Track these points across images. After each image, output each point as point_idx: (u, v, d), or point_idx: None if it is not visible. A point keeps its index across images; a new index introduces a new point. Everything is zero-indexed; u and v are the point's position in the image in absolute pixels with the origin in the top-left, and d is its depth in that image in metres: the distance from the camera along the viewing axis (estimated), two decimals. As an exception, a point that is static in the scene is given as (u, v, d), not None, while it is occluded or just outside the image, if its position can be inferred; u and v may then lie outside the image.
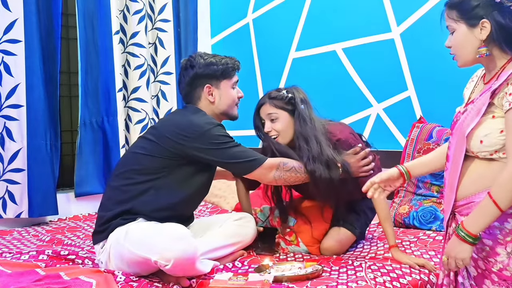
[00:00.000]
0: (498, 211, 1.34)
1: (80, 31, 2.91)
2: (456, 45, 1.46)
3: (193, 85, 2.04)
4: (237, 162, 1.92)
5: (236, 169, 2.00)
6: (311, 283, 1.70)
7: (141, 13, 3.11)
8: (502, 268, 1.41)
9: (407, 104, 2.76)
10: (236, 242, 2.05)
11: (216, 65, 2.02)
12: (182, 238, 1.66)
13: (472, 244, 1.38)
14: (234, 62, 2.08)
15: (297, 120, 2.07)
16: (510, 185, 1.32)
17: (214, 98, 2.04)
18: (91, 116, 2.97)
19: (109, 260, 1.78)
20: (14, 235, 2.48)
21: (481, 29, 1.40)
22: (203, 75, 2.02)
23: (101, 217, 1.88)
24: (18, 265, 1.78)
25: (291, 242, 2.20)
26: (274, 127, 2.09)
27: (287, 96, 2.10)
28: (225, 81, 2.05)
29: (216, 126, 1.92)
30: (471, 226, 1.37)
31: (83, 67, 2.93)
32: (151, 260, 1.63)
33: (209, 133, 1.88)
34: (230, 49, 3.64)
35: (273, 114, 2.09)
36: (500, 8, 1.38)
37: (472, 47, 1.43)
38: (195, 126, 1.90)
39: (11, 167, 2.67)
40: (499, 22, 1.38)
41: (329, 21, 3.06)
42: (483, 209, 1.36)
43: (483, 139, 1.40)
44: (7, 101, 2.64)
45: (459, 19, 1.43)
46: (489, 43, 1.41)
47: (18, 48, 2.65)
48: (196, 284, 1.73)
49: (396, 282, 1.74)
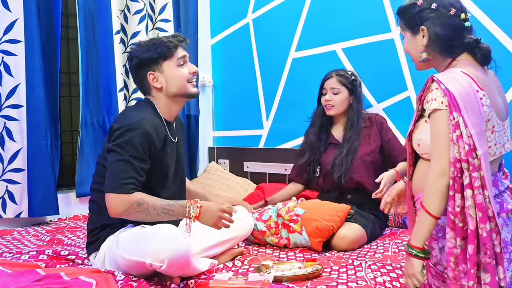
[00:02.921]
0: (432, 219, 1.38)
1: (81, 31, 2.91)
2: (407, 50, 1.57)
3: (138, 76, 1.91)
4: (109, 175, 1.73)
5: (106, 181, 1.75)
6: (311, 283, 1.71)
7: (142, 13, 3.11)
8: (436, 262, 1.49)
9: (407, 104, 2.76)
10: (233, 238, 2.05)
11: (151, 49, 1.86)
12: (173, 237, 1.64)
13: (424, 259, 1.41)
14: (171, 39, 1.90)
15: (355, 99, 2.49)
16: (434, 191, 1.38)
17: (161, 84, 1.88)
18: (92, 116, 2.97)
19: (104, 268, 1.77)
20: (14, 235, 2.48)
21: (422, 36, 1.49)
22: (142, 63, 1.87)
23: (91, 230, 1.88)
24: (18, 265, 1.78)
25: (294, 230, 2.21)
26: (333, 98, 2.47)
27: (351, 78, 2.49)
28: (167, 62, 1.87)
29: (136, 131, 1.73)
30: (416, 241, 1.41)
31: (84, 67, 2.93)
32: (145, 263, 1.63)
33: (129, 134, 1.73)
34: (230, 49, 3.64)
35: (336, 89, 2.47)
36: (436, 15, 1.46)
37: (416, 52, 1.52)
38: (121, 121, 1.79)
39: (11, 167, 2.67)
40: (434, 29, 1.46)
41: (329, 21, 3.06)
42: (421, 221, 1.41)
43: (419, 142, 1.49)
44: (7, 101, 2.64)
45: (405, 27, 1.54)
46: (429, 48, 1.49)
47: (18, 48, 2.65)
48: (196, 284, 1.73)
49: (396, 282, 1.74)
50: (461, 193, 1.35)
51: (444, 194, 1.37)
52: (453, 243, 1.37)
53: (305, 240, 2.19)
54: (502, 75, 1.57)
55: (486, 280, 1.35)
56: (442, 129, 1.38)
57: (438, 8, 1.46)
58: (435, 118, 1.40)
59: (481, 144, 1.34)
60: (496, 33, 2.32)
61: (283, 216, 2.26)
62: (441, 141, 1.38)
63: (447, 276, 1.43)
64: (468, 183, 1.34)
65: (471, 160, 1.33)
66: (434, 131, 1.40)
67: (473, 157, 1.33)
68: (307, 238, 2.18)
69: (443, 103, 1.37)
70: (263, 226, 2.30)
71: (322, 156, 2.53)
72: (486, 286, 1.34)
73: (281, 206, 2.34)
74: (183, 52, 1.92)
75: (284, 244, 2.26)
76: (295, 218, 2.23)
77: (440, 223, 1.45)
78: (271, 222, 2.29)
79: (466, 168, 1.34)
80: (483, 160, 1.33)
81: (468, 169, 1.34)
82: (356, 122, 2.46)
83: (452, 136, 1.36)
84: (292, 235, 2.22)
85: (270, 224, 2.28)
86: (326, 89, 2.49)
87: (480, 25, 2.36)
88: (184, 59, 1.92)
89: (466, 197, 1.34)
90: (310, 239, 2.17)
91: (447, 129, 1.37)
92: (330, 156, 2.49)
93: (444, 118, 1.37)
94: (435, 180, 1.38)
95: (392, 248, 2.12)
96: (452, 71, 1.43)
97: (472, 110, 1.35)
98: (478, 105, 1.37)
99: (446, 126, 1.37)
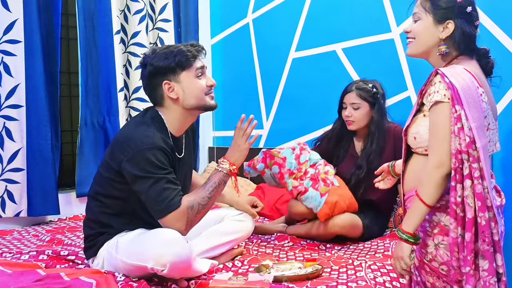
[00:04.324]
0: (425, 207, 1.44)
1: (81, 31, 2.91)
2: (417, 32, 1.56)
3: (151, 84, 1.81)
4: (152, 203, 1.69)
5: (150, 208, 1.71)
6: (311, 283, 1.71)
7: (142, 13, 3.11)
8: (431, 259, 1.51)
9: (407, 104, 2.76)
10: (233, 239, 2.04)
11: (169, 57, 1.77)
12: (174, 241, 1.62)
13: (413, 244, 1.47)
14: (190, 48, 1.80)
15: (376, 112, 2.39)
16: (430, 181, 1.43)
17: (177, 95, 1.79)
18: (92, 116, 2.97)
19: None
20: (14, 235, 2.48)
21: (444, 28, 1.51)
22: (158, 71, 1.77)
23: (87, 235, 1.86)
24: (18, 265, 1.77)
25: (318, 189, 2.26)
26: (354, 114, 2.40)
27: (372, 91, 2.39)
28: (185, 72, 1.78)
29: (154, 149, 1.68)
30: (407, 226, 1.47)
31: (84, 67, 2.93)
32: (147, 267, 1.61)
33: (145, 155, 1.67)
34: (230, 49, 3.64)
35: (356, 104, 2.39)
36: (467, 17, 1.52)
37: (430, 39, 1.54)
38: (133, 142, 1.70)
39: (11, 166, 2.67)
40: (464, 28, 1.51)
41: (329, 21, 3.06)
42: (413, 208, 1.47)
43: (416, 136, 1.53)
44: (6, 101, 2.64)
45: (430, 11, 1.53)
46: (447, 43, 1.52)
47: (18, 48, 2.65)
48: (196, 285, 1.73)
49: (396, 282, 1.74)
50: (462, 184, 1.40)
51: (439, 185, 1.42)
52: (456, 233, 1.40)
53: (318, 203, 2.24)
54: (502, 75, 1.58)
55: (484, 266, 1.40)
56: (444, 121, 1.42)
57: (471, 12, 1.52)
58: (436, 110, 1.44)
59: (480, 137, 1.39)
60: (496, 33, 2.32)
61: (319, 171, 2.28)
62: (441, 133, 1.42)
63: (443, 271, 1.48)
64: (467, 173, 1.38)
65: (471, 152, 1.38)
66: (434, 123, 1.45)
67: (473, 148, 1.38)
68: (322, 203, 2.24)
69: (446, 96, 1.42)
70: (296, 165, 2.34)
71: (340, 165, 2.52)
72: (484, 272, 1.39)
73: (322, 162, 2.38)
74: (201, 63, 1.83)
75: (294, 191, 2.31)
76: (328, 183, 2.27)
77: (435, 220, 1.48)
78: (305, 166, 2.32)
79: (466, 159, 1.38)
80: (481, 152, 1.38)
81: (468, 160, 1.38)
82: (377, 137, 2.39)
83: (454, 129, 1.40)
84: (312, 190, 2.26)
85: (302, 168, 2.33)
86: (346, 104, 2.43)
87: (480, 25, 2.35)
88: (202, 70, 1.83)
89: (465, 187, 1.38)
90: (324, 207, 2.23)
91: (449, 121, 1.41)
92: (347, 167, 2.48)
93: (446, 111, 1.41)
94: (432, 170, 1.43)
95: (392, 248, 2.12)
96: (455, 67, 1.47)
97: (473, 104, 1.40)
98: (479, 100, 1.42)
99: (448, 118, 1.41)
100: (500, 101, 2.40)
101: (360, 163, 2.41)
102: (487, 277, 1.39)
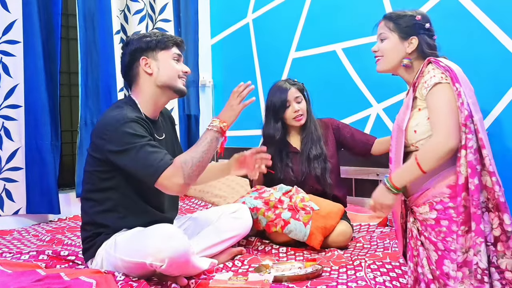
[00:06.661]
0: (420, 171, 1.56)
1: (81, 31, 2.91)
2: (385, 51, 1.77)
3: (130, 62, 1.91)
4: (141, 170, 1.69)
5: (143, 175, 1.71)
6: (311, 283, 1.70)
7: (142, 13, 3.11)
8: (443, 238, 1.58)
9: (407, 104, 2.76)
10: (232, 236, 2.04)
11: (150, 36, 1.90)
12: (172, 236, 1.63)
13: (396, 194, 1.62)
14: (171, 36, 1.95)
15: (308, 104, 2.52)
16: (431, 153, 1.55)
17: (152, 70, 1.88)
18: (92, 116, 2.98)
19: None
20: (14, 235, 2.48)
21: (409, 43, 1.73)
22: (138, 49, 1.89)
23: (84, 238, 1.87)
24: (18, 265, 1.78)
25: (300, 219, 2.20)
26: (301, 107, 2.46)
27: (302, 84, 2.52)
28: (163, 52, 1.90)
29: (128, 122, 1.72)
30: (396, 181, 1.61)
31: (84, 67, 2.93)
32: (146, 263, 1.62)
33: (121, 130, 1.71)
34: (230, 49, 3.64)
35: (300, 97, 2.47)
36: (427, 32, 1.74)
37: (399, 54, 1.75)
38: (108, 123, 1.75)
39: (9, 165, 2.67)
40: (427, 41, 1.72)
41: (329, 21, 3.06)
42: (408, 168, 1.60)
43: (416, 129, 1.64)
44: (5, 101, 2.65)
45: (394, 30, 1.75)
46: (413, 55, 1.73)
47: (17, 49, 2.65)
48: (196, 284, 1.72)
49: (396, 282, 1.74)
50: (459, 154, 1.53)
51: (441, 158, 1.53)
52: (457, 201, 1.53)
53: (304, 233, 2.17)
54: (502, 75, 1.58)
55: (472, 227, 1.50)
56: (449, 98, 1.55)
57: (430, 28, 1.74)
58: (438, 90, 1.57)
59: (476, 112, 1.53)
60: (496, 33, 2.32)
61: (295, 200, 2.26)
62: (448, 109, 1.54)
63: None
64: (463, 144, 1.51)
65: (468, 124, 1.51)
66: (437, 102, 1.56)
67: (470, 121, 1.51)
68: (307, 233, 2.17)
69: (443, 78, 1.56)
70: (261, 202, 2.27)
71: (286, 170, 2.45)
72: (472, 232, 1.50)
73: (294, 192, 2.32)
74: (179, 52, 1.95)
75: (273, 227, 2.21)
76: (308, 210, 2.22)
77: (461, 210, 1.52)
78: (271, 197, 2.28)
79: (464, 131, 1.51)
80: (479, 124, 1.51)
81: (465, 132, 1.51)
82: (314, 128, 2.48)
83: (458, 104, 1.53)
84: (294, 221, 2.19)
85: (270, 198, 2.28)
86: (290, 101, 2.45)
87: (480, 25, 2.36)
88: (180, 58, 1.95)
89: (460, 156, 1.51)
90: (311, 235, 2.16)
91: (454, 98, 1.54)
92: (296, 167, 2.46)
93: (448, 89, 1.56)
94: (438, 143, 1.54)
95: (392, 248, 2.12)
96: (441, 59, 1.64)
97: (466, 84, 1.57)
98: (469, 82, 1.59)
99: (452, 95, 1.55)
100: (500, 101, 2.40)
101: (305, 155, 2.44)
102: (474, 237, 1.50)
